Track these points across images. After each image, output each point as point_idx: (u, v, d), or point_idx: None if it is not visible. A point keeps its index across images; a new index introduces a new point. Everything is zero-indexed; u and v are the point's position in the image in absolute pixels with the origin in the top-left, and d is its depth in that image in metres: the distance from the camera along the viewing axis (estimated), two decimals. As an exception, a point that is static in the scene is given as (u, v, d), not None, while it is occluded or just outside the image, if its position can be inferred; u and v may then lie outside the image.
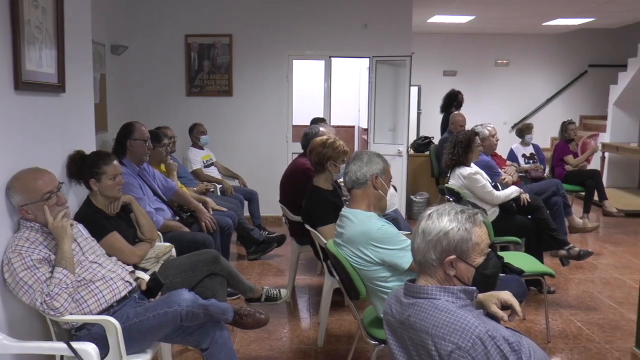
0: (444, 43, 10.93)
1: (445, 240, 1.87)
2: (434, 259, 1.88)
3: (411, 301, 1.91)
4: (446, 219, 1.90)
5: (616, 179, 9.72)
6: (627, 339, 3.97)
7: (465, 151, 4.77)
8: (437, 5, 8.03)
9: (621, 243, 6.69)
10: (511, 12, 8.49)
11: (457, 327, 1.75)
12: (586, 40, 11.13)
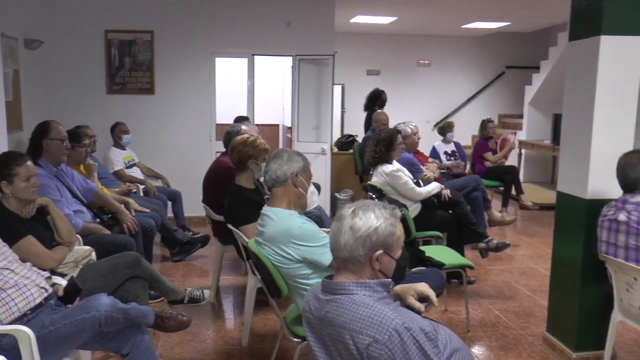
0: (367, 43, 11.10)
1: (375, 235, 1.90)
2: (361, 254, 1.90)
3: (329, 297, 1.93)
4: (372, 215, 1.92)
5: (532, 174, 10.18)
6: (540, 324, 4.16)
7: (388, 149, 4.87)
8: (359, 6, 8.14)
9: (536, 235, 7.00)
10: (432, 14, 8.73)
11: (374, 320, 1.77)
12: (503, 43, 11.59)
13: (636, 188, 3.22)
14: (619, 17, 3.36)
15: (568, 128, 3.77)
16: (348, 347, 1.80)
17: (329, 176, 7.45)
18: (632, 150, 3.35)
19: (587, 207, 3.52)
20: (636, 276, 3.09)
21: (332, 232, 1.97)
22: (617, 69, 3.43)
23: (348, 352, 1.81)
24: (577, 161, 3.61)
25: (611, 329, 3.42)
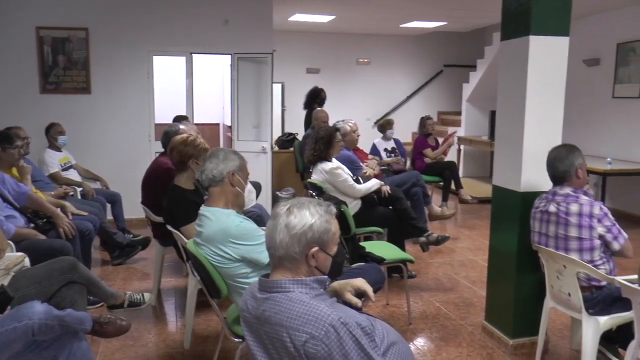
0: (307, 41, 11.13)
1: (310, 232, 1.91)
2: (297, 252, 1.90)
3: (265, 296, 1.93)
4: (307, 212, 1.93)
5: (470, 169, 10.44)
6: (479, 314, 4.29)
7: (327, 146, 4.89)
8: (297, 4, 8.15)
9: (476, 227, 7.19)
10: (370, 13, 8.82)
11: (310, 317, 1.78)
12: (441, 42, 11.83)
13: (565, 180, 3.36)
14: (545, 19, 3.50)
15: (502, 124, 3.89)
16: (285, 344, 1.81)
17: (269, 175, 7.45)
18: (561, 145, 3.49)
19: (520, 200, 3.65)
20: (565, 264, 3.22)
21: (267, 230, 1.97)
22: (545, 68, 3.57)
23: (286, 350, 1.82)
24: (510, 156, 3.74)
25: (544, 315, 3.57)
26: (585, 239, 3.25)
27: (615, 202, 8.04)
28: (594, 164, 7.22)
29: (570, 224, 3.27)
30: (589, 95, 8.60)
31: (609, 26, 8.29)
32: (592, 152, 8.25)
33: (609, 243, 3.27)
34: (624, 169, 7.18)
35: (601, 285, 3.27)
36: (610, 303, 3.18)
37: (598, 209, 3.26)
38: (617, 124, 8.12)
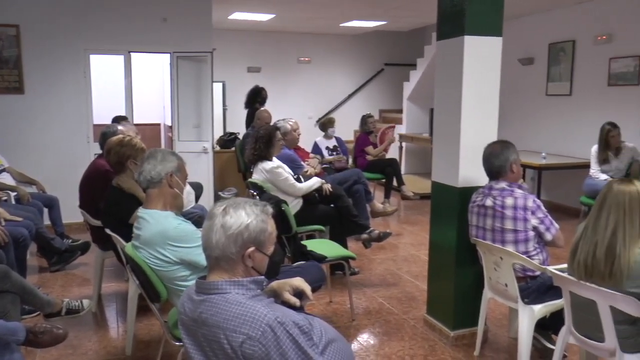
0: (247, 40, 11.05)
1: (247, 232, 1.90)
2: (233, 252, 1.89)
3: (202, 298, 1.91)
4: (243, 212, 1.92)
5: (412, 165, 10.62)
6: (421, 308, 4.38)
7: (267, 146, 4.88)
8: (236, 2, 8.10)
9: (418, 223, 7.32)
10: (310, 12, 8.84)
11: (247, 317, 1.77)
12: (381, 41, 11.98)
13: (500, 175, 3.47)
14: (479, 20, 3.61)
15: (439, 122, 3.98)
16: (223, 346, 1.80)
17: (211, 175, 7.38)
18: (496, 141, 3.60)
19: (458, 195, 3.75)
20: (502, 256, 3.33)
21: (203, 231, 1.95)
22: (480, 67, 3.68)
23: (223, 351, 1.81)
24: (448, 152, 3.83)
25: (483, 306, 3.68)
26: (520, 231, 3.37)
27: (550, 195, 8.33)
28: (529, 158, 7.48)
29: (506, 217, 3.38)
30: (524, 93, 8.90)
31: (541, 27, 8.59)
32: (527, 147, 8.54)
33: (542, 234, 3.40)
34: (557, 163, 7.45)
35: (535, 275, 3.39)
36: (544, 292, 3.32)
37: (532, 201, 3.38)
38: (551, 120, 8.42)
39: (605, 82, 7.49)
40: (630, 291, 2.56)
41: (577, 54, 8.00)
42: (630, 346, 2.66)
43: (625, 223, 2.62)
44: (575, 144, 7.84)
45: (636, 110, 7.01)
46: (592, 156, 6.54)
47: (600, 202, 2.73)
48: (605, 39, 7.48)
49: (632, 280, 2.57)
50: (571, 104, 8.10)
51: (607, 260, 2.63)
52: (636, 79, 7.05)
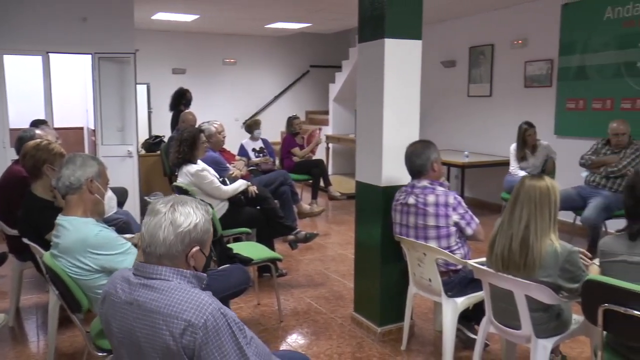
0: (171, 41, 10.87)
1: (195, 232, 1.85)
2: (179, 250, 1.84)
3: (142, 281, 1.84)
4: (192, 210, 1.87)
5: (339, 166, 10.73)
6: (349, 306, 4.44)
7: (191, 148, 4.80)
8: (159, 2, 7.95)
9: (345, 223, 7.40)
10: (234, 13, 8.79)
11: (191, 304, 1.73)
12: (307, 43, 12.04)
13: (422, 174, 3.57)
14: (398, 23, 3.71)
15: (362, 123, 4.05)
16: (160, 333, 1.73)
17: (137, 179, 7.21)
18: (417, 140, 3.70)
19: (382, 194, 3.82)
20: (425, 252, 3.43)
21: (147, 228, 1.85)
22: (401, 69, 3.77)
23: (160, 338, 1.74)
24: (371, 153, 3.90)
25: (408, 301, 3.78)
26: (442, 227, 3.47)
27: (473, 192, 8.62)
28: (453, 157, 7.71)
29: (428, 214, 3.48)
30: (447, 94, 9.17)
31: (463, 31, 8.88)
32: (451, 146, 8.80)
33: (463, 229, 3.52)
34: (479, 161, 7.72)
35: (457, 269, 3.51)
36: (466, 285, 3.44)
37: (452, 198, 3.49)
38: (472, 120, 8.72)
39: (522, 84, 7.82)
40: (543, 280, 2.70)
41: (495, 57, 8.31)
42: (544, 331, 2.83)
43: (537, 216, 2.76)
44: (496, 142, 8.15)
45: (550, 110, 7.35)
46: (511, 154, 6.81)
47: (514, 197, 2.87)
48: (521, 43, 7.81)
49: (543, 269, 2.71)
50: (491, 105, 8.41)
51: (521, 252, 2.76)
52: (549, 81, 7.40)
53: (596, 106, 6.78)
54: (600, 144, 5.86)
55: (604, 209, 5.43)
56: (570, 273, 2.73)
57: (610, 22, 6.55)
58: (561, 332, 2.90)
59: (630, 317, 2.36)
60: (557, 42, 7.22)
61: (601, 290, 2.48)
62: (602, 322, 2.48)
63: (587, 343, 3.36)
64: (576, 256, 2.78)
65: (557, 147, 6.87)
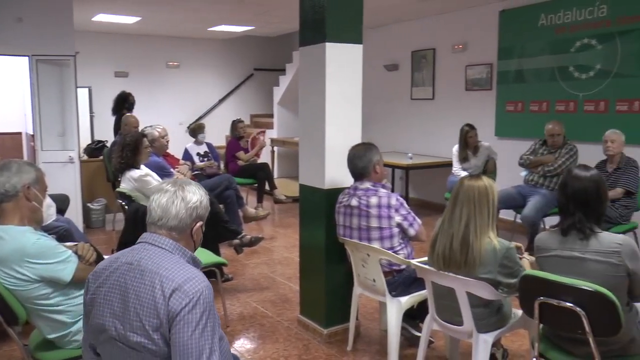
0: (113, 43, 10.64)
1: (200, 208, 2.06)
2: (187, 224, 2.02)
3: (145, 247, 2.00)
4: (196, 189, 2.08)
5: (285, 169, 10.73)
6: (295, 309, 4.45)
7: (134, 153, 4.72)
8: (99, 3, 7.78)
9: (291, 226, 7.41)
10: (177, 15, 8.68)
11: (188, 275, 1.86)
12: (251, 46, 12.00)
13: (364, 176, 3.61)
14: (339, 27, 3.75)
15: (305, 126, 4.07)
16: (153, 291, 1.82)
17: (78, 185, 7.01)
18: (359, 143, 3.74)
19: (325, 197, 3.85)
20: (369, 253, 3.47)
21: (159, 203, 2.02)
22: (342, 72, 3.81)
23: (150, 296, 1.82)
24: (314, 156, 3.92)
25: (353, 302, 3.82)
26: (385, 228, 3.52)
27: (418, 193, 8.78)
28: (397, 159, 7.83)
29: (371, 215, 3.52)
30: (390, 97, 9.30)
31: (405, 35, 9.04)
32: (395, 148, 8.94)
33: (405, 230, 3.58)
34: (423, 162, 7.85)
35: (401, 268, 3.56)
36: (409, 284, 3.50)
37: (395, 200, 3.55)
38: (416, 122, 8.87)
39: (463, 87, 8.01)
40: (483, 277, 2.78)
41: (437, 61, 8.49)
42: (485, 326, 2.92)
43: (476, 215, 2.85)
44: (439, 144, 8.31)
45: (490, 112, 7.55)
46: (454, 155, 6.97)
47: (454, 197, 2.94)
48: (461, 47, 8.00)
49: (483, 266, 2.79)
50: (434, 108, 8.58)
51: (462, 250, 2.84)
52: (489, 84, 7.60)
53: (533, 108, 7.02)
54: (538, 144, 6.08)
55: (542, 207, 5.63)
56: (509, 269, 2.82)
57: (545, 29, 6.80)
58: (501, 326, 2.99)
59: (563, 308, 2.47)
60: (495, 47, 7.44)
61: (536, 284, 2.59)
62: (538, 314, 2.59)
63: (526, 336, 3.48)
64: (514, 252, 2.88)
65: (498, 148, 7.08)
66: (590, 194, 2.62)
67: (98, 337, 1.98)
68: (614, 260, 2.49)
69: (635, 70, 5.95)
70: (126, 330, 1.85)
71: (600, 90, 6.26)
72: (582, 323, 2.43)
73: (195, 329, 1.78)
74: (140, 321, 1.82)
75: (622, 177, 5.24)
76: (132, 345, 1.85)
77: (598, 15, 6.23)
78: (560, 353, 2.71)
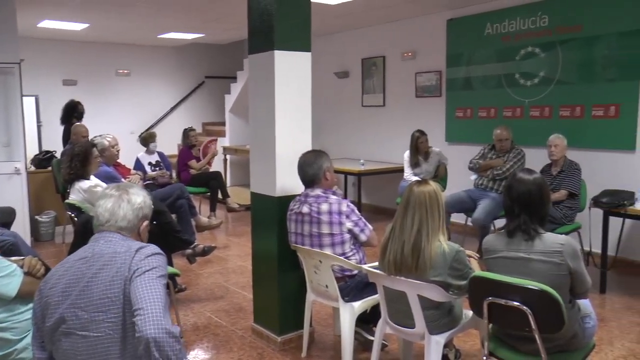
0: (61, 50, 10.38)
1: (146, 207, 2.26)
2: (135, 224, 2.20)
3: (98, 241, 2.13)
4: (139, 190, 2.27)
5: (237, 177, 10.67)
6: (249, 318, 4.42)
7: (83, 164, 4.61)
8: (44, 9, 7.59)
9: (244, 234, 7.37)
10: (125, 22, 8.56)
11: (143, 245, 2.09)
12: (202, 54, 11.92)
13: (314, 183, 3.63)
14: (288, 35, 3.77)
15: (255, 134, 4.07)
16: (122, 267, 1.97)
17: (26, 198, 6.82)
18: (309, 150, 3.77)
19: (277, 204, 3.85)
20: (321, 259, 3.49)
21: (105, 205, 2.18)
22: (291, 80, 3.83)
23: (120, 273, 1.95)
24: (265, 163, 3.93)
25: (307, 308, 3.84)
26: (336, 234, 3.55)
27: (370, 199, 8.86)
28: (349, 165, 7.89)
29: (322, 222, 3.54)
30: (341, 104, 9.37)
31: (355, 43, 9.13)
32: (347, 155, 9.00)
33: (357, 235, 3.61)
34: (374, 168, 7.92)
35: (353, 274, 3.59)
36: (362, 289, 3.53)
37: (345, 206, 3.58)
38: (367, 129, 8.96)
39: (414, 94, 8.14)
40: (434, 280, 2.84)
41: (387, 68, 8.60)
42: (436, 328, 2.98)
43: (428, 219, 2.90)
44: (390, 150, 8.42)
45: (440, 118, 7.70)
46: (405, 161, 7.07)
47: (404, 203, 2.99)
48: (410, 55, 8.14)
49: (434, 269, 2.85)
50: (385, 114, 8.69)
51: (413, 255, 2.89)
52: (439, 91, 7.75)
53: (482, 114, 7.18)
54: (487, 149, 6.24)
55: (492, 210, 5.77)
56: (459, 271, 2.89)
57: (491, 37, 6.98)
58: (453, 327, 3.05)
59: (511, 307, 2.54)
60: (444, 55, 7.59)
61: (485, 285, 2.66)
62: (487, 314, 2.66)
63: (478, 335, 3.54)
64: (463, 255, 2.94)
65: (448, 153, 7.22)
66: (533, 196, 2.71)
67: (55, 335, 1.98)
68: (556, 260, 2.58)
69: (575, 77, 6.16)
70: (90, 312, 1.93)
71: (544, 97, 6.46)
72: (528, 321, 2.51)
73: (150, 278, 1.94)
74: (106, 296, 1.94)
75: (565, 179, 5.41)
76: (95, 327, 1.93)
77: (540, 24, 6.43)
78: (509, 351, 2.79)
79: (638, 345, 3.98)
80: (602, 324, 4.29)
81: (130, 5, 7.22)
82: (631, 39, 5.64)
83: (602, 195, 5.05)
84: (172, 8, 7.43)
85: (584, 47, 6.04)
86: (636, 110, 5.66)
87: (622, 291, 5.13)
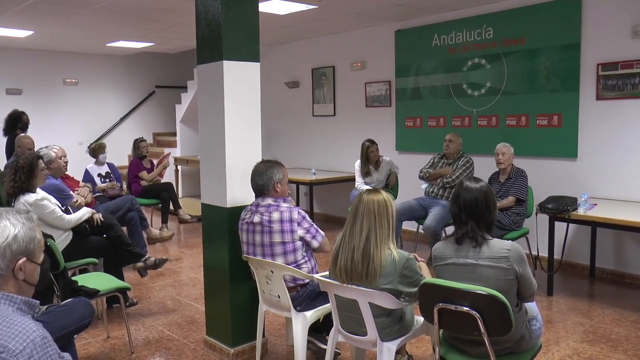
0: (5, 58, 10.11)
1: (16, 244, 1.76)
2: (2, 267, 1.74)
3: None
4: (8, 222, 1.77)
5: (190, 188, 10.57)
6: (201, 330, 4.39)
7: (29, 176, 4.44)
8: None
9: (197, 246, 7.30)
10: (72, 30, 8.37)
11: (12, 330, 1.61)
12: (152, 63, 11.81)
13: (264, 193, 3.63)
14: (236, 46, 3.77)
15: (205, 144, 4.05)
16: None
17: (-34, 212, 6.59)
18: (261, 161, 3.76)
19: (228, 215, 3.84)
20: (272, 269, 3.49)
21: None
22: (240, 90, 3.83)
23: None
24: (215, 174, 3.91)
25: (259, 319, 3.82)
26: (288, 242, 3.55)
27: (322, 207, 8.90)
28: (301, 175, 7.92)
29: (274, 230, 3.54)
30: (293, 114, 9.39)
31: (305, 53, 9.18)
32: (299, 164, 9.02)
33: (309, 242, 3.63)
34: (326, 178, 7.97)
35: (305, 283, 3.60)
36: (314, 298, 3.54)
37: (297, 213, 3.59)
38: (318, 139, 9.01)
39: (364, 104, 8.24)
40: (384, 287, 2.87)
41: (337, 78, 8.68)
42: (388, 335, 3.01)
43: (377, 227, 2.94)
44: (341, 159, 8.49)
45: (391, 127, 7.81)
46: (356, 170, 7.13)
47: (354, 211, 3.03)
48: (360, 65, 8.24)
49: (384, 277, 2.88)
50: (335, 124, 8.75)
51: (363, 262, 2.91)
52: (388, 101, 7.86)
53: (431, 124, 7.32)
54: (437, 158, 6.37)
55: (442, 217, 5.88)
56: (409, 278, 2.93)
57: (438, 48, 7.13)
58: (404, 333, 3.09)
59: (460, 312, 2.60)
60: (393, 65, 7.71)
61: (435, 291, 2.71)
62: (438, 319, 2.71)
63: (429, 341, 3.59)
64: (413, 262, 2.98)
65: (399, 162, 7.32)
66: (480, 204, 2.77)
67: None
68: (503, 265, 2.65)
69: (519, 88, 6.36)
70: None
71: (491, 107, 6.64)
72: (477, 325, 2.57)
73: None
74: None
75: (513, 186, 5.56)
76: None
77: (485, 37, 6.61)
78: (460, 355, 2.85)
79: (582, 345, 4.11)
80: (549, 325, 4.42)
81: (75, 13, 7.08)
82: (570, 52, 5.86)
83: (547, 202, 5.21)
84: (120, 16, 7.32)
85: (528, 59, 6.24)
86: (577, 120, 5.88)
87: (568, 293, 5.28)
